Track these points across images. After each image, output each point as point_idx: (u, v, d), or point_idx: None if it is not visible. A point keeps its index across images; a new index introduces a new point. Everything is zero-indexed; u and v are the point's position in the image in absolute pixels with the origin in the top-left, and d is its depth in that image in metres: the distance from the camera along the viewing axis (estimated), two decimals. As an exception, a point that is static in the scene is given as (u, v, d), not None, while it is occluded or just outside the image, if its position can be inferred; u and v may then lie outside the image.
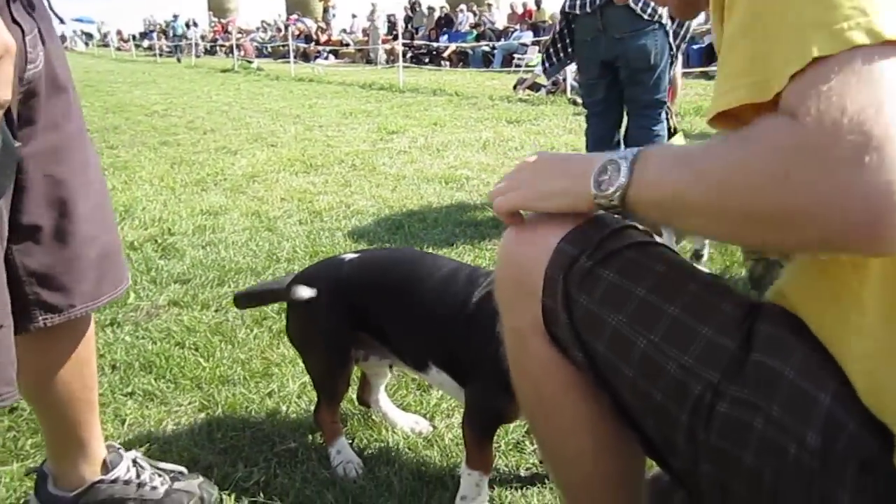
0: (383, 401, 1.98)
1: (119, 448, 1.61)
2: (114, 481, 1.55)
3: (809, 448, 0.75)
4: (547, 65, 4.02)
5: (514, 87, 10.96)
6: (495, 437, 1.88)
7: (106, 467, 1.56)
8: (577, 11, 3.69)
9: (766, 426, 0.78)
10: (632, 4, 3.52)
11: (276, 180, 5.08)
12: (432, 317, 1.62)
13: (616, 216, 0.94)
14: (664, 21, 3.54)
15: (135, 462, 1.61)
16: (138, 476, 1.59)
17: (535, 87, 10.85)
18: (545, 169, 0.96)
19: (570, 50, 3.89)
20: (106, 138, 7.16)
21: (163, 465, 1.68)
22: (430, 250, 3.37)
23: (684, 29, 3.72)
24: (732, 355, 0.82)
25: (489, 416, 1.56)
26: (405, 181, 4.94)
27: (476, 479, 1.58)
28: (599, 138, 3.91)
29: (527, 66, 13.86)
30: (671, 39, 3.64)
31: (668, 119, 3.82)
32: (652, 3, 3.52)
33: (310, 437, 1.90)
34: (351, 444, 1.84)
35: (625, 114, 3.85)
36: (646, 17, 3.51)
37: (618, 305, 0.89)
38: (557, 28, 3.96)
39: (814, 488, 0.75)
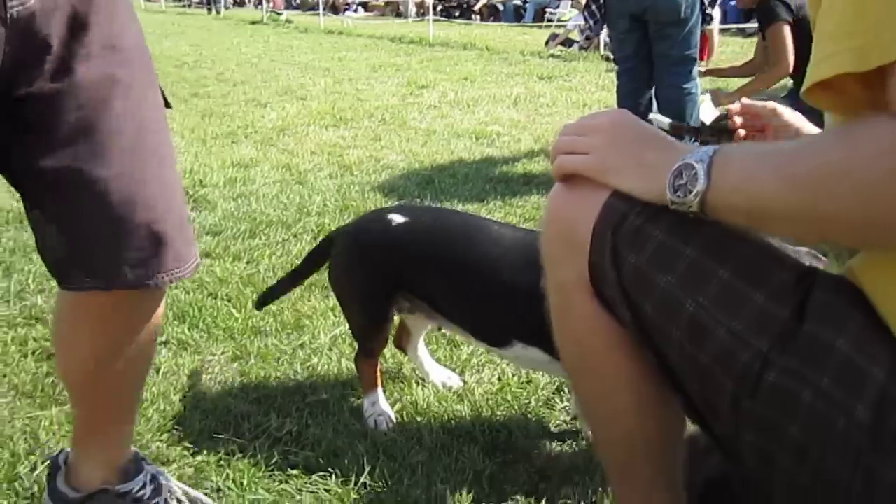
0: (421, 350, 1.97)
1: (144, 458, 1.43)
2: (122, 495, 1.36)
3: (859, 422, 0.73)
4: (592, 22, 3.92)
5: (546, 43, 10.77)
6: (526, 395, 1.89)
7: (121, 476, 1.38)
8: None
9: (815, 398, 0.76)
10: None
11: (306, 133, 5.07)
12: (520, 290, 1.53)
13: None
14: None
15: (153, 478, 1.40)
16: (153, 496, 1.39)
17: (567, 42, 10.66)
18: (620, 144, 0.93)
19: (599, 7, 3.82)
20: (137, 89, 7.15)
21: (191, 491, 1.47)
22: (461, 206, 3.36)
23: None
24: (783, 324, 0.79)
25: None
26: (435, 136, 4.90)
27: None
28: (629, 94, 3.85)
29: (559, 20, 13.59)
30: None
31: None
32: None
33: (341, 388, 1.92)
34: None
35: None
36: None
37: (667, 266, 0.87)
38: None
39: (860, 464, 0.73)
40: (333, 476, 1.58)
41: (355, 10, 21.74)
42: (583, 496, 1.53)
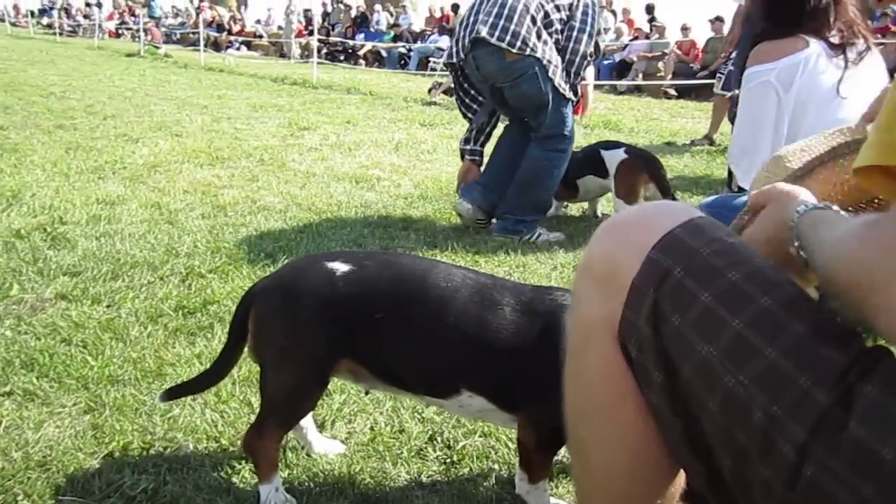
0: (308, 422, 1.80)
1: None
2: None
3: None
4: (470, 115, 4.00)
5: (429, 91, 10.95)
6: (398, 444, 1.85)
7: None
8: (454, 60, 3.74)
9: None
10: (494, 42, 3.47)
11: (179, 171, 4.89)
12: (477, 337, 1.49)
13: (713, 220, 0.95)
14: (537, 53, 3.50)
15: None
16: None
17: (449, 91, 10.88)
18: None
19: (477, 93, 3.92)
20: (-5, 118, 6.73)
21: None
22: (339, 249, 3.31)
23: (599, 45, 3.77)
24: (826, 413, 0.75)
25: (561, 436, 1.48)
26: (315, 179, 4.85)
27: (544, 486, 1.61)
28: (509, 148, 3.94)
29: (442, 69, 13.90)
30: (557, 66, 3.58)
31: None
32: (521, 35, 3.48)
33: (204, 442, 1.82)
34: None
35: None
36: (515, 51, 3.47)
37: (711, 334, 0.84)
38: (453, 84, 4.00)
39: None
40: (191, 537, 1.48)
41: (238, 49, 21.44)
42: (453, 549, 1.50)
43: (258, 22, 25.36)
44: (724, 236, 0.92)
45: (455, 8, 19.73)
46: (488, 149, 4.09)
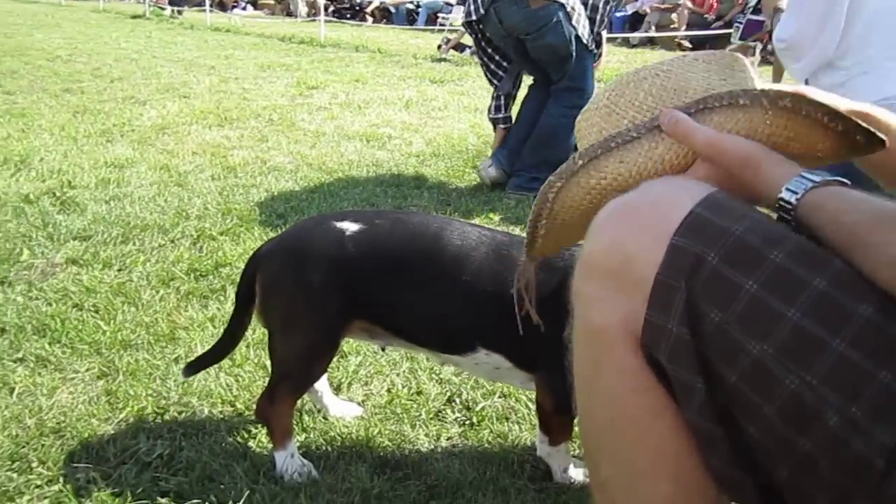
0: (321, 380, 1.76)
1: None
2: None
3: None
4: (496, 82, 3.88)
5: (439, 47, 10.77)
6: (416, 406, 1.82)
7: None
8: (473, 17, 3.61)
9: None
10: None
11: (187, 133, 4.82)
12: (492, 293, 1.45)
13: (725, 193, 0.81)
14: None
15: None
16: None
17: (459, 47, 10.69)
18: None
19: (501, 58, 3.79)
20: (2, 83, 6.66)
21: None
22: (351, 209, 3.26)
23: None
24: None
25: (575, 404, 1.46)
26: (325, 138, 4.77)
27: (566, 447, 1.56)
28: (533, 110, 3.84)
29: (451, 25, 13.66)
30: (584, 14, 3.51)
31: None
32: None
33: (219, 406, 1.79)
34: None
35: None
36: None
37: (763, 329, 0.71)
38: (475, 47, 3.87)
39: None
40: (208, 502, 1.46)
41: (244, 8, 21.15)
42: (474, 512, 1.47)
43: (264, -20, 25.00)
44: (748, 210, 0.79)
45: (463, -38, 19.34)
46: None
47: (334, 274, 1.49)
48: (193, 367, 1.69)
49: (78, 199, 3.31)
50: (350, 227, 1.51)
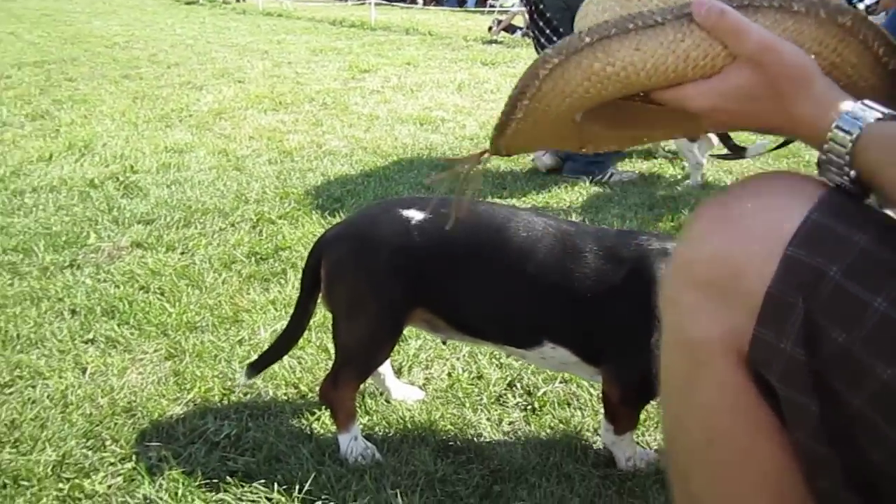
0: (386, 367, 1.78)
1: None
2: None
3: None
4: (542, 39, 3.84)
5: (489, 29, 10.70)
6: (477, 391, 1.81)
7: None
8: None
9: None
10: None
11: (243, 118, 4.89)
12: (559, 286, 1.44)
13: (865, 205, 0.73)
14: None
15: None
16: None
17: (510, 28, 10.61)
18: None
19: (552, 32, 3.73)
20: (64, 70, 6.84)
21: None
22: (406, 194, 3.26)
23: None
24: None
25: (650, 389, 1.43)
26: (378, 122, 4.78)
27: (630, 436, 1.55)
28: None
29: (501, 6, 13.55)
30: None
31: None
32: None
33: (284, 388, 1.82)
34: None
35: None
36: None
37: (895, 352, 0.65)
38: (530, 24, 3.81)
39: None
40: (275, 483, 1.48)
41: (294, -8, 21.27)
42: (537, 497, 1.47)
43: (314, -36, 25.10)
44: (869, 214, 0.71)
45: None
46: None
47: (398, 262, 1.49)
48: (257, 367, 1.66)
49: (140, 184, 3.38)
50: (416, 215, 1.50)
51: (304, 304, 1.64)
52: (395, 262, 1.49)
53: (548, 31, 3.75)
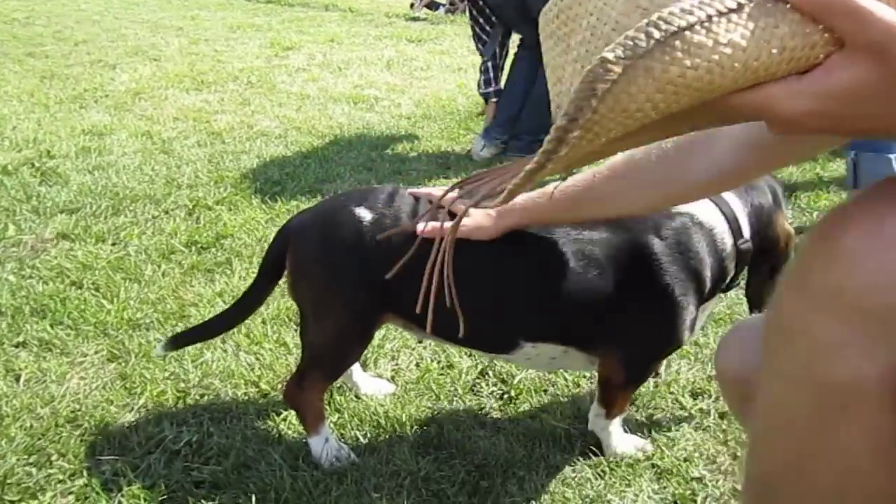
0: (357, 368, 1.70)
1: None
2: None
3: None
4: (481, 46, 3.74)
5: (412, 6, 10.52)
6: (450, 381, 1.74)
7: None
8: None
9: None
10: None
11: (164, 97, 4.62)
12: (521, 285, 1.36)
13: None
14: None
15: None
16: None
17: (432, 5, 10.45)
18: None
19: (485, 21, 3.65)
20: (-41, 48, 6.34)
21: None
22: (349, 175, 3.14)
23: None
24: None
25: (647, 374, 1.51)
26: (309, 101, 4.60)
27: (619, 420, 1.52)
28: (520, 81, 3.68)
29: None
30: None
31: None
32: None
33: (243, 388, 1.70)
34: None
35: None
36: None
37: None
38: (469, 5, 3.73)
39: None
40: (247, 492, 1.37)
41: (204, -33, 20.45)
42: (528, 491, 1.41)
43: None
44: None
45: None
46: None
47: (370, 260, 1.36)
48: (176, 342, 1.56)
49: (59, 170, 3.14)
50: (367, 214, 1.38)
51: (257, 291, 1.52)
52: (362, 264, 1.37)
53: (481, 20, 3.66)
